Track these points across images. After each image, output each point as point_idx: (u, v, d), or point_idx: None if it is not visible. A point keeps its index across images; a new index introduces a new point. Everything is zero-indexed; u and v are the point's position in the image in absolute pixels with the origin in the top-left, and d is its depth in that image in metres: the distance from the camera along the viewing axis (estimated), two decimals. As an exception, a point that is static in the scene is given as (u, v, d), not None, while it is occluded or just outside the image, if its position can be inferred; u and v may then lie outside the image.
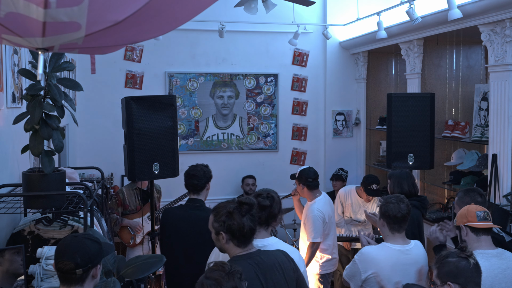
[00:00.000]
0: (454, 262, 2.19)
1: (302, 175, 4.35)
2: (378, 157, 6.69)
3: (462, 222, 2.76)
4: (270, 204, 2.78)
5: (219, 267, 2.12)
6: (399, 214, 2.95)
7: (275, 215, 2.83)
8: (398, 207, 2.97)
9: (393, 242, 2.98)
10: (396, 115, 4.98)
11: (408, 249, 2.96)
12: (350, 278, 3.03)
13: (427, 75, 5.64)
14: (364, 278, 2.90)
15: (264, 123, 6.78)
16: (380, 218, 3.05)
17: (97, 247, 2.03)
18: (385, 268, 2.86)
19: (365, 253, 2.98)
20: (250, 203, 2.35)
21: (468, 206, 2.81)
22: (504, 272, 2.60)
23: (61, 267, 1.96)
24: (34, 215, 2.82)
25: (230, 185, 6.74)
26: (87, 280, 2.00)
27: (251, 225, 2.31)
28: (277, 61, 6.76)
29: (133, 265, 2.36)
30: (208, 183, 3.73)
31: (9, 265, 2.30)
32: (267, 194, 2.81)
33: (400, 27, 5.20)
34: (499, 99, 4.07)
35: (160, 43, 6.16)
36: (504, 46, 3.99)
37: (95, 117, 6.23)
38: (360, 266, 2.92)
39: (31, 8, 1.31)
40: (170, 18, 1.63)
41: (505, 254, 2.69)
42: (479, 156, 4.85)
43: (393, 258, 2.91)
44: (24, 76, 2.46)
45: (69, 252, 1.96)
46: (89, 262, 1.97)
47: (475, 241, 2.71)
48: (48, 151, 2.34)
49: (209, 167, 3.79)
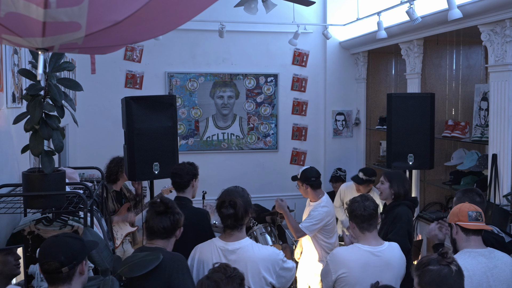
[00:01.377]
0: (436, 270, 2.11)
1: (305, 175, 4.31)
2: (378, 157, 6.69)
3: (453, 220, 2.75)
4: (233, 212, 2.76)
5: (222, 269, 2.13)
6: (365, 212, 2.95)
7: (242, 217, 2.80)
8: (363, 205, 2.97)
9: (364, 242, 2.97)
10: (396, 115, 4.97)
11: (379, 251, 2.94)
12: (323, 278, 3.06)
13: (427, 75, 5.64)
14: (334, 278, 2.90)
15: (264, 123, 6.78)
16: (350, 220, 3.05)
17: (79, 244, 2.04)
18: (354, 269, 2.86)
19: (336, 253, 2.99)
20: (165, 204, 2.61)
21: (461, 204, 2.79)
22: (492, 271, 2.59)
23: (46, 268, 1.96)
24: (34, 215, 2.82)
25: (230, 185, 6.69)
26: (75, 278, 2.00)
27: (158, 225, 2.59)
28: (277, 61, 6.76)
29: (129, 263, 2.36)
30: (193, 180, 3.64)
31: (3, 267, 2.28)
32: (229, 201, 2.78)
33: (400, 27, 5.21)
34: (499, 99, 4.07)
35: (160, 43, 6.16)
36: (504, 46, 3.99)
37: (95, 117, 6.23)
38: (331, 267, 2.93)
39: (31, 8, 1.31)
40: (170, 18, 1.63)
41: (494, 253, 2.68)
42: (479, 156, 4.85)
43: (363, 259, 2.89)
44: (24, 76, 2.46)
45: (52, 252, 1.97)
46: (74, 259, 1.98)
47: (464, 241, 2.70)
48: (48, 151, 2.34)
49: (195, 165, 3.71)
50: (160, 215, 2.60)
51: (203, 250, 2.85)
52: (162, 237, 2.61)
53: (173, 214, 2.62)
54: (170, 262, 2.50)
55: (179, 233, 2.71)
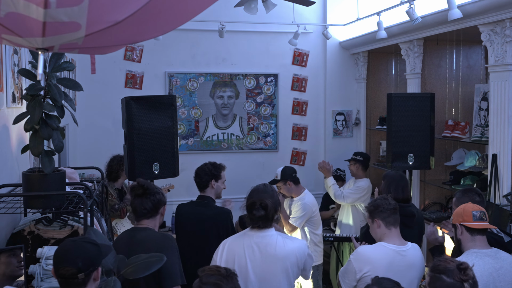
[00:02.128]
0: (448, 283, 2.09)
1: (285, 173, 4.56)
2: (378, 157, 6.69)
3: (457, 221, 2.74)
4: (264, 214, 2.80)
5: (215, 271, 2.12)
6: (390, 206, 2.99)
7: (272, 218, 2.85)
8: (386, 201, 3.04)
9: (389, 241, 2.97)
10: (396, 115, 4.97)
11: (404, 250, 2.94)
12: (342, 277, 3.03)
13: (427, 75, 5.64)
14: (359, 277, 2.89)
15: (264, 123, 6.78)
16: (374, 220, 3.04)
17: (96, 250, 2.01)
18: (380, 268, 2.84)
19: (361, 252, 2.98)
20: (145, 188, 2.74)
21: (465, 205, 2.80)
22: (498, 272, 2.59)
23: (62, 273, 1.93)
24: (34, 215, 2.82)
25: (230, 185, 6.71)
26: (89, 284, 1.98)
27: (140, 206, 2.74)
28: (277, 61, 6.76)
29: (133, 264, 2.36)
30: (213, 180, 3.79)
31: (5, 268, 2.28)
32: (260, 203, 2.80)
33: (400, 27, 5.20)
34: (499, 99, 4.07)
35: (160, 43, 6.16)
36: (504, 46, 3.98)
37: (95, 117, 6.23)
38: (355, 265, 2.91)
39: (31, 8, 1.31)
40: (170, 18, 1.64)
41: (499, 254, 2.68)
42: (479, 156, 4.85)
43: (388, 257, 2.89)
44: (24, 76, 2.46)
45: (69, 257, 1.94)
46: (91, 265, 1.96)
47: (470, 241, 2.70)
48: (48, 151, 2.34)
49: (218, 165, 3.92)
50: (141, 197, 2.74)
51: (233, 246, 2.86)
52: (147, 217, 2.77)
53: (152, 195, 2.75)
54: (158, 241, 2.65)
55: (163, 210, 2.84)
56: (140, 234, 2.73)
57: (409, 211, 3.71)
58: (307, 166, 6.86)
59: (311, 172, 6.65)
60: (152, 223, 2.79)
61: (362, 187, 5.34)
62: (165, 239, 2.72)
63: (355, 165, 5.48)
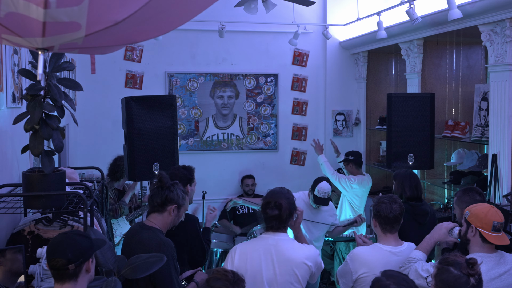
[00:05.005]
0: (455, 275, 2.11)
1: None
2: (378, 157, 6.69)
3: (475, 224, 2.65)
4: (278, 213, 2.79)
5: (222, 275, 2.13)
6: (390, 215, 2.95)
7: (287, 219, 2.83)
8: (390, 208, 2.97)
9: (384, 242, 2.98)
10: (396, 115, 4.97)
11: (399, 251, 2.95)
12: (340, 277, 3.05)
13: (427, 75, 5.64)
14: (355, 278, 2.91)
15: (264, 123, 6.78)
16: (373, 218, 3.06)
17: (87, 242, 2.07)
18: (375, 269, 2.84)
19: (356, 253, 2.99)
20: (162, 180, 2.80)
21: (489, 210, 2.65)
22: (501, 277, 2.59)
23: (53, 264, 2.01)
24: (34, 215, 2.82)
25: (230, 185, 6.74)
26: (81, 275, 2.04)
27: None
28: (277, 61, 6.76)
29: (133, 264, 2.36)
30: (187, 186, 3.47)
31: (11, 265, 2.32)
32: (274, 203, 2.80)
33: (400, 27, 5.20)
34: (499, 99, 4.07)
35: (160, 43, 6.16)
36: (504, 46, 3.98)
37: (95, 117, 6.23)
38: (351, 266, 2.93)
39: (31, 8, 1.31)
40: (170, 18, 1.64)
41: (504, 258, 2.66)
42: (479, 156, 4.85)
43: (384, 259, 2.90)
44: (24, 76, 2.46)
45: (60, 249, 2.01)
46: (81, 256, 2.02)
47: (479, 245, 2.65)
48: (48, 151, 2.34)
49: (191, 168, 3.58)
50: (156, 190, 2.80)
51: (245, 250, 2.82)
52: (156, 211, 2.80)
53: (164, 190, 2.78)
54: (157, 246, 2.63)
55: (171, 210, 2.79)
56: (142, 234, 2.73)
57: (422, 210, 3.74)
58: (307, 166, 6.86)
59: (311, 172, 6.64)
60: (160, 220, 2.78)
61: (354, 176, 5.61)
62: (161, 247, 2.64)
63: (349, 165, 5.69)
